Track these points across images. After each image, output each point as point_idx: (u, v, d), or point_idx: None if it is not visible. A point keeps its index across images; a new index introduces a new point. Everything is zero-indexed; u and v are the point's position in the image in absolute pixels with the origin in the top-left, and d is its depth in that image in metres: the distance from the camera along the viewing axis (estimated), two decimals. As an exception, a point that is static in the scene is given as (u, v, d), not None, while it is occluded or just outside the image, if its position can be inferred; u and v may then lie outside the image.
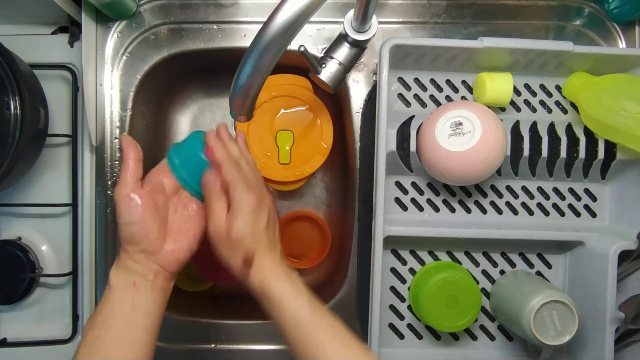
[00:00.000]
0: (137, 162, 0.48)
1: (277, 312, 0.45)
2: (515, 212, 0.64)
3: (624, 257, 0.59)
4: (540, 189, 0.64)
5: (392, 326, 0.63)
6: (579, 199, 0.64)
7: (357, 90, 0.67)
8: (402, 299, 0.63)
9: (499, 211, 0.64)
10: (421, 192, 0.64)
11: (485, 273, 0.64)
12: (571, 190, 0.64)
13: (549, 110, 0.63)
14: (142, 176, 0.48)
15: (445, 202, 0.64)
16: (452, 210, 0.64)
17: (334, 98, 0.72)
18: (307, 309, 0.45)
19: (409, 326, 0.64)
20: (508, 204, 0.64)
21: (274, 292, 0.45)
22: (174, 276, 0.49)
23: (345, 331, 0.46)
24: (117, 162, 0.66)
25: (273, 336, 0.66)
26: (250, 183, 0.47)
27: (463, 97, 0.63)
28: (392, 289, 0.63)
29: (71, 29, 0.66)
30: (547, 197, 0.64)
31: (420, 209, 0.64)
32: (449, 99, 0.63)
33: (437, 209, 0.64)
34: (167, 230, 0.48)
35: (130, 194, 0.46)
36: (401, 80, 0.63)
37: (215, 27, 0.66)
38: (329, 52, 0.61)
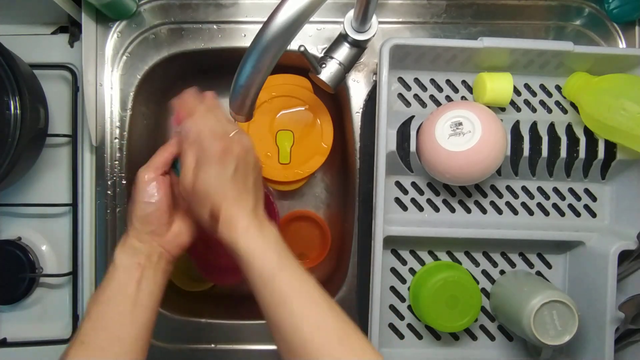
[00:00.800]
0: (172, 155, 0.50)
1: (245, 267, 0.44)
2: (515, 212, 0.64)
3: (624, 257, 0.59)
4: (540, 189, 0.64)
5: (392, 326, 0.63)
6: (579, 199, 0.64)
7: (357, 90, 0.67)
8: (402, 299, 0.63)
9: (499, 211, 0.64)
10: (421, 192, 0.64)
11: (485, 273, 0.64)
12: (571, 190, 0.64)
13: (549, 110, 0.63)
14: (166, 172, 0.50)
15: (445, 202, 0.64)
16: (452, 210, 0.64)
17: (334, 98, 0.72)
18: (275, 263, 0.43)
19: (409, 326, 0.64)
20: (508, 204, 0.64)
21: (240, 246, 0.44)
22: (175, 260, 0.50)
23: (316, 290, 0.44)
24: (117, 162, 0.66)
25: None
26: (218, 133, 0.46)
27: (463, 97, 0.63)
28: (392, 289, 0.63)
29: (71, 29, 0.66)
30: (547, 197, 0.64)
31: (420, 209, 0.64)
32: (449, 99, 0.63)
33: (437, 209, 0.64)
34: (174, 216, 0.50)
35: (153, 176, 0.48)
36: (401, 80, 0.63)
37: (215, 27, 0.66)
38: (329, 52, 0.61)
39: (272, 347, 0.66)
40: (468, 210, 0.64)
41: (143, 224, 0.48)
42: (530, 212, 0.64)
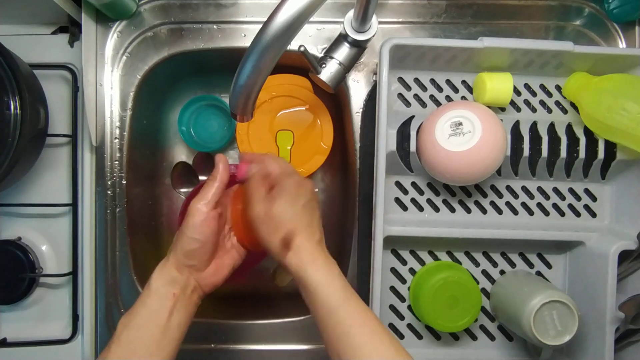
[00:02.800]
0: (223, 185, 0.50)
1: (310, 296, 0.46)
2: (515, 212, 0.64)
3: (624, 257, 0.59)
4: (540, 189, 0.64)
5: (392, 326, 0.63)
6: (579, 199, 0.64)
7: (357, 90, 0.67)
8: (402, 299, 0.63)
9: (499, 211, 0.64)
10: (421, 192, 0.64)
11: (485, 273, 0.64)
12: (571, 190, 0.64)
13: (549, 110, 0.63)
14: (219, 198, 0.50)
15: (445, 202, 0.64)
16: (452, 210, 0.64)
17: (334, 98, 0.72)
18: (339, 295, 0.45)
19: (409, 326, 0.64)
20: (508, 204, 0.64)
21: (309, 275, 0.45)
22: (204, 296, 0.51)
23: (378, 323, 0.46)
24: (117, 162, 0.66)
25: (273, 336, 0.66)
26: (291, 171, 0.50)
27: (463, 97, 0.63)
28: (392, 289, 0.63)
29: (71, 29, 0.66)
30: (547, 197, 0.64)
31: (420, 209, 0.64)
32: (449, 99, 0.63)
33: (437, 209, 0.64)
34: (215, 254, 0.51)
35: (206, 212, 0.48)
36: (401, 80, 0.63)
37: (215, 27, 0.66)
38: (329, 52, 0.61)
39: (272, 347, 0.66)
40: (468, 210, 0.64)
41: (186, 257, 0.48)
42: (530, 212, 0.64)
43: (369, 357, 0.43)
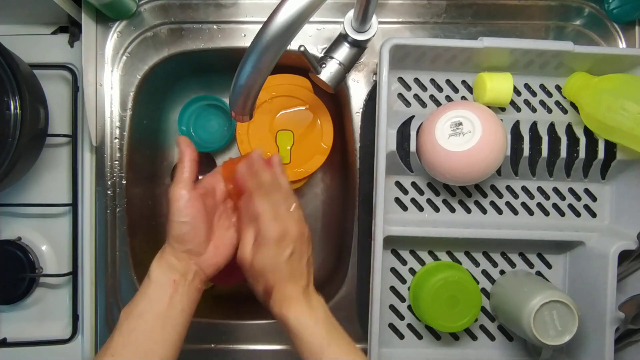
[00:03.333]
0: (194, 162, 0.49)
1: (294, 340, 0.46)
2: (515, 212, 0.64)
3: (624, 257, 0.59)
4: (540, 189, 0.64)
5: (392, 326, 0.63)
6: (579, 199, 0.64)
7: (357, 90, 0.67)
8: (402, 299, 0.63)
9: (499, 211, 0.64)
10: (421, 192, 0.64)
11: (485, 273, 0.64)
12: (571, 190, 0.64)
13: (549, 110, 0.63)
14: (196, 178, 0.50)
15: (445, 202, 0.64)
16: (452, 210, 0.64)
17: (334, 98, 0.72)
18: (324, 338, 0.46)
19: (409, 326, 0.64)
20: (508, 204, 0.64)
21: (291, 320, 0.46)
22: (208, 279, 0.50)
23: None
24: (117, 162, 0.66)
25: (273, 336, 0.66)
26: (279, 214, 0.48)
27: (463, 97, 0.63)
28: (392, 289, 0.63)
29: (71, 29, 0.66)
30: (547, 197, 0.64)
31: (420, 209, 0.64)
32: (449, 99, 0.63)
33: (437, 209, 0.64)
34: (211, 234, 0.50)
35: (186, 193, 0.47)
36: (401, 80, 0.63)
37: (215, 27, 0.66)
38: (329, 52, 0.61)
39: (272, 347, 0.66)
40: (468, 210, 0.64)
41: (179, 243, 0.48)
42: (530, 212, 0.64)
43: None
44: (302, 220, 0.49)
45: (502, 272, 0.64)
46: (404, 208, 0.63)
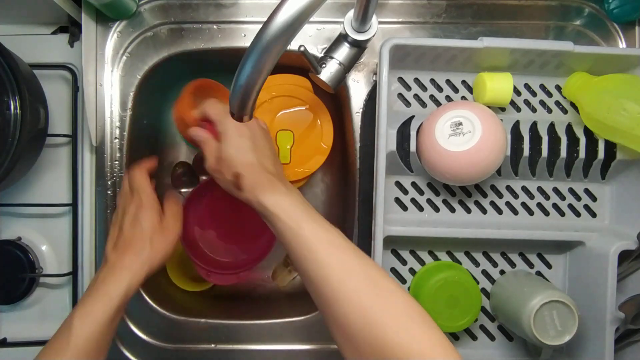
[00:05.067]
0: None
1: (272, 222, 0.47)
2: (515, 212, 0.64)
3: (624, 257, 0.59)
4: (540, 189, 0.64)
5: (392, 326, 0.63)
6: (579, 199, 0.64)
7: (357, 90, 0.67)
8: (402, 299, 0.63)
9: (499, 211, 0.64)
10: (421, 192, 0.64)
11: (485, 273, 0.64)
12: (571, 190, 0.64)
13: (549, 110, 0.63)
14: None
15: (445, 202, 0.64)
16: (452, 210, 0.64)
17: (334, 98, 0.72)
18: (300, 216, 0.46)
19: (409, 326, 0.64)
20: (508, 204, 0.64)
21: (265, 203, 0.47)
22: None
23: (342, 238, 0.46)
24: (117, 162, 0.66)
25: (273, 336, 0.66)
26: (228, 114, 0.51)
27: (463, 97, 0.63)
28: (392, 289, 0.63)
29: (71, 29, 0.66)
30: (547, 197, 0.64)
31: (420, 209, 0.64)
32: (449, 99, 0.63)
33: (437, 209, 0.64)
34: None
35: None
36: (401, 80, 0.63)
37: (215, 27, 0.66)
38: (329, 52, 0.61)
39: (272, 347, 0.66)
40: (468, 210, 0.64)
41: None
42: (530, 212, 0.64)
43: (333, 272, 0.43)
44: (256, 121, 0.55)
45: (502, 272, 0.64)
46: (404, 208, 0.63)
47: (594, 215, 0.64)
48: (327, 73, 0.60)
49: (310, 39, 0.66)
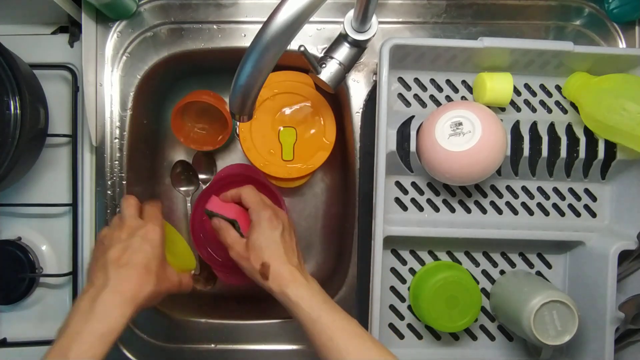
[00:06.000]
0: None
1: (294, 311, 0.50)
2: (515, 212, 0.64)
3: (624, 257, 0.59)
4: (540, 189, 0.64)
5: (392, 326, 0.63)
6: (579, 199, 0.64)
7: (357, 90, 0.67)
8: (402, 299, 0.63)
9: (499, 211, 0.64)
10: (421, 192, 0.64)
11: (485, 273, 0.64)
12: (571, 190, 0.64)
13: (549, 110, 0.63)
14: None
15: (445, 202, 0.64)
16: (452, 210, 0.64)
17: (334, 98, 0.72)
18: (321, 306, 0.49)
19: (409, 326, 0.64)
20: (508, 204, 0.64)
21: (288, 294, 0.50)
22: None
23: (360, 328, 0.49)
24: (117, 162, 0.66)
25: (273, 336, 0.66)
26: (265, 204, 0.56)
27: (463, 97, 0.63)
28: (392, 289, 0.63)
29: (71, 29, 0.66)
30: (547, 197, 0.64)
31: (420, 209, 0.64)
32: (449, 99, 0.63)
33: (437, 209, 0.64)
34: None
35: None
36: (401, 80, 0.63)
37: (215, 27, 0.66)
38: (329, 52, 0.61)
39: (272, 347, 0.66)
40: (468, 210, 0.64)
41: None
42: (530, 212, 0.64)
43: (353, 358, 0.46)
44: (283, 211, 0.58)
45: (502, 272, 0.64)
46: (404, 208, 0.63)
47: (594, 215, 0.64)
48: (327, 73, 0.60)
49: (310, 39, 0.66)
